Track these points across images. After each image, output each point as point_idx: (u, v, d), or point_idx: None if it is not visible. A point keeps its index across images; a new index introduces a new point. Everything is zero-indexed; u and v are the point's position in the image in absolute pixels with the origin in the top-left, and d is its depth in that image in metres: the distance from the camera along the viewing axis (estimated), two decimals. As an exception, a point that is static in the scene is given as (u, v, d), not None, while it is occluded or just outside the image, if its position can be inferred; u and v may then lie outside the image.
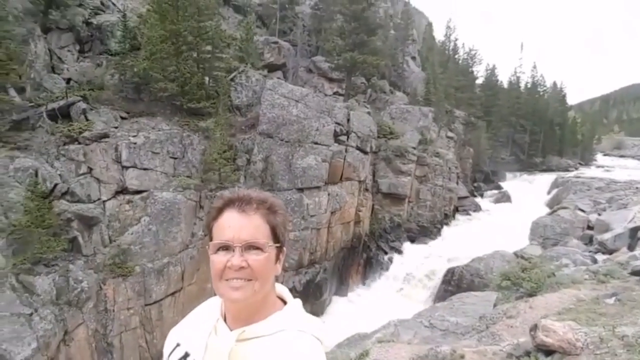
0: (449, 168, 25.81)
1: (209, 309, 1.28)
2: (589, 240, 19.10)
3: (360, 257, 19.89)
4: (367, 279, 19.80)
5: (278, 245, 1.21)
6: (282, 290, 1.30)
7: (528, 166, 49.53)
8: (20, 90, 13.98)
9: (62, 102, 14.26)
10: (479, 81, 51.14)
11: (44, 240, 11.36)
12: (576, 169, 51.73)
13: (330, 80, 26.95)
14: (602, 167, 54.18)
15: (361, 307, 17.25)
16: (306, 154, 17.07)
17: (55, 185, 12.45)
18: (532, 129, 51.88)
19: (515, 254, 17.78)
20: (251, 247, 1.14)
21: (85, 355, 11.83)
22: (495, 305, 10.27)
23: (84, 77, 16.01)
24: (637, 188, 29.91)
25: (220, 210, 1.20)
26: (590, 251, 16.48)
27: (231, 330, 1.19)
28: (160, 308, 13.28)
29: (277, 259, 1.22)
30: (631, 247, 14.12)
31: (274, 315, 1.19)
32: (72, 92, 14.90)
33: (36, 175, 12.09)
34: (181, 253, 13.98)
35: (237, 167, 16.46)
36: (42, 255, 11.25)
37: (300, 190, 16.80)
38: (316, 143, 17.45)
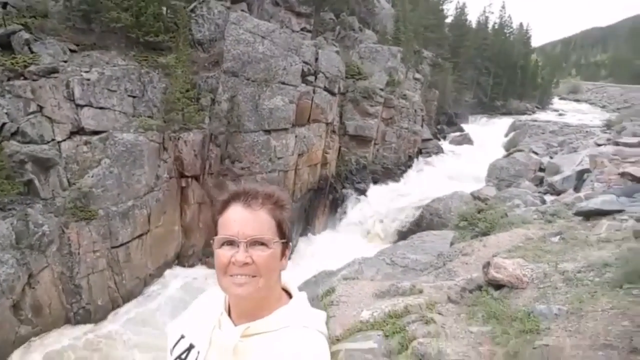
0: (415, 110, 26.06)
1: (213, 301, 1.27)
2: (540, 182, 20.35)
3: (327, 199, 20.36)
4: (333, 220, 20.47)
5: (284, 240, 1.19)
6: (288, 282, 1.29)
7: (490, 109, 50.78)
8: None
9: (1, 31, 12.84)
10: (449, 20, 50.32)
11: (-4, 183, 10.77)
12: (533, 112, 53.61)
13: (298, 14, 25.59)
14: (557, 111, 56.37)
15: (327, 247, 17.99)
16: (273, 95, 16.60)
17: (3, 124, 11.58)
18: (496, 71, 52.50)
19: (473, 194, 18.78)
20: (256, 242, 1.12)
21: (53, 296, 11.85)
22: (452, 244, 11.01)
23: (22, 1, 14.31)
24: (587, 132, 31.61)
25: (225, 204, 1.17)
26: (540, 192, 17.62)
27: (235, 325, 1.18)
28: (128, 250, 13.28)
29: (283, 254, 1.21)
30: (577, 189, 15.20)
31: (278, 310, 1.19)
32: (11, 19, 13.38)
33: (-21, 113, 11.16)
34: (146, 196, 13.75)
35: (201, 107, 15.84)
36: (-4, 199, 10.73)
37: (267, 132, 16.55)
38: (283, 83, 16.94)
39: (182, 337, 1.26)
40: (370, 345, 6.11)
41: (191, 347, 1.22)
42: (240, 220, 1.13)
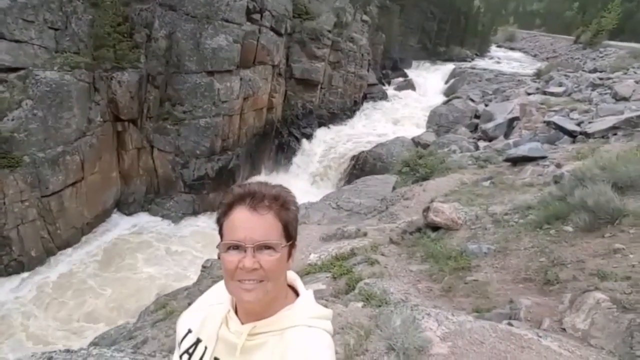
0: (362, 55, 25.81)
1: (220, 297, 1.27)
2: (475, 128, 21.55)
3: (273, 144, 20.19)
4: (279, 165, 20.49)
5: (290, 242, 1.16)
6: (295, 280, 1.28)
7: (433, 55, 51.45)
8: None
9: None
10: (397, -41, 48.72)
11: None
12: (472, 59, 55.21)
13: (240, -58, 23.41)
14: (494, 58, 58.48)
15: (274, 192, 18.11)
16: (216, 33, 15.53)
17: None
18: (441, 17, 52.69)
19: (414, 140, 19.56)
20: (263, 247, 1.10)
21: (-20, 249, 11.06)
22: (394, 188, 11.56)
23: None
24: (519, 81, 33.30)
25: (230, 207, 1.13)
26: (474, 138, 18.73)
27: (242, 323, 1.19)
28: (61, 199, 12.48)
29: (289, 255, 1.18)
30: (507, 136, 16.36)
31: (284, 310, 1.19)
32: None
33: None
34: (78, 141, 12.75)
35: (135, 44, 14.50)
36: None
37: (211, 73, 15.66)
38: (227, 21, 15.83)
39: (190, 331, 1.27)
40: (319, 286, 6.46)
41: (198, 341, 1.23)
42: (247, 224, 1.10)
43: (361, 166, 19.07)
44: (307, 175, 19.74)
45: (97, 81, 13.28)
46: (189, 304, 1.38)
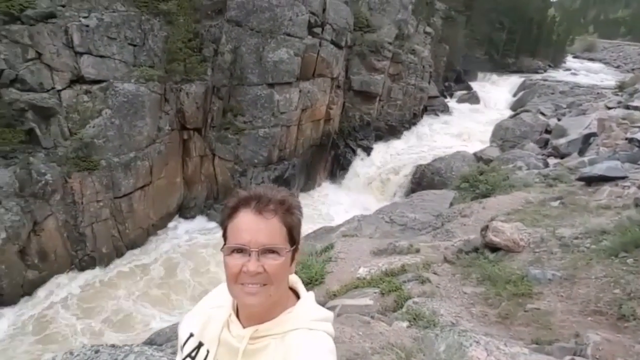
0: (423, 66, 25.30)
1: (221, 300, 1.27)
2: (545, 144, 20.12)
3: (329, 155, 20.30)
4: (334, 176, 20.53)
5: (294, 247, 1.16)
6: (296, 282, 1.27)
7: (500, 66, 49.14)
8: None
9: (-8, -30, 12.23)
10: (464, -31, 47.49)
11: (-3, 131, 10.73)
12: (545, 71, 51.95)
13: (305, -41, 24.16)
14: (570, 70, 54.63)
15: (328, 203, 18.19)
16: (278, 47, 16.05)
17: (2, 71, 11.33)
18: (510, 27, 50.30)
19: (476, 155, 18.67)
20: (268, 251, 1.10)
21: (58, 243, 12.17)
22: (451, 205, 11.06)
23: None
24: (598, 94, 30.75)
25: (235, 210, 1.13)
26: (543, 155, 17.49)
27: (243, 326, 1.18)
28: (131, 201, 13.46)
29: (292, 260, 1.18)
30: (581, 153, 15.05)
31: (285, 313, 1.19)
32: (3, -43, 12.70)
33: (-24, 58, 10.89)
34: (148, 148, 13.72)
35: (203, 58, 15.40)
36: (-2, 147, 10.74)
37: (271, 85, 16.18)
38: (289, 35, 16.32)
39: (192, 335, 1.27)
40: (366, 302, 6.28)
41: (200, 345, 1.23)
42: (252, 228, 1.10)
43: (418, 180, 18.54)
44: (362, 187, 19.55)
45: (167, 92, 14.26)
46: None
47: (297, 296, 1.27)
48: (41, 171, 11.51)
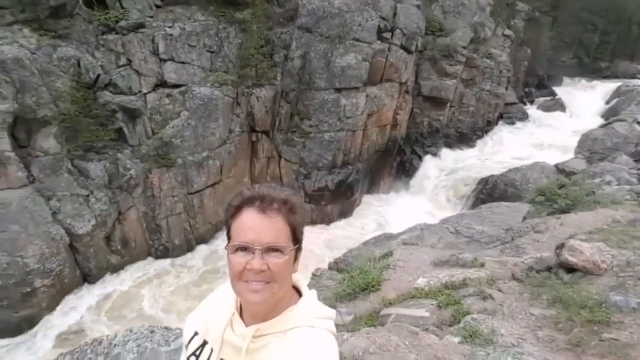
0: (500, 71, 23.88)
1: (224, 299, 1.30)
2: (640, 158, 17.96)
3: (394, 161, 19.93)
4: (399, 182, 20.09)
5: (297, 245, 1.19)
6: (298, 280, 1.29)
7: (591, 71, 44.76)
8: (53, -27, 13.51)
9: (95, -13, 13.79)
10: (552, -33, 44.10)
11: (92, 129, 12.04)
12: (645, 76, 46.42)
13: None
14: (678, 75, 48.22)
15: (390, 210, 17.84)
16: (346, 52, 16.14)
17: (98, 76, 12.70)
18: (604, 28, 45.66)
19: (557, 166, 17.17)
20: (271, 249, 1.12)
21: (138, 233, 13.32)
22: (524, 218, 10.30)
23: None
24: None
25: (239, 209, 1.16)
26: (638, 169, 15.61)
27: (246, 325, 1.21)
28: (202, 197, 14.32)
29: (295, 258, 1.20)
30: (687, 169, 13.19)
31: (287, 311, 1.20)
32: (105, -25, 14.26)
33: (79, 65, 12.31)
34: (219, 148, 14.52)
35: (274, 63, 15.97)
36: (92, 144, 12.05)
37: (338, 90, 16.30)
38: (357, 40, 16.34)
39: (196, 333, 1.30)
40: (422, 313, 6.04)
41: (204, 344, 1.27)
42: (257, 227, 1.12)
43: (489, 191, 17.48)
44: (427, 195, 18.89)
45: (239, 96, 14.99)
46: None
47: (300, 295, 1.28)
48: (127, 166, 12.68)
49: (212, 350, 1.24)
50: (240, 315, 1.24)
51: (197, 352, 1.27)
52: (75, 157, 11.95)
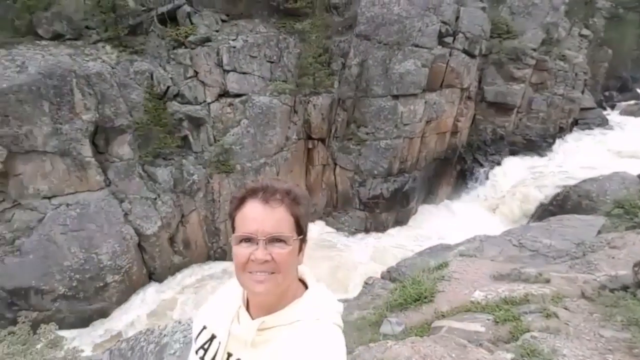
0: (576, 74, 22.10)
1: (232, 293, 1.31)
2: None
3: (454, 169, 19.15)
4: (459, 192, 19.24)
5: (301, 237, 1.18)
6: (305, 273, 1.28)
7: (685, 72, 40.00)
8: (134, -5, 14.86)
9: (169, 6, 14.89)
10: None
11: (161, 137, 12.97)
12: None
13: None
14: None
15: (448, 219, 17.11)
16: (405, 58, 15.90)
17: (168, 87, 13.68)
18: None
19: (641, 177, 15.45)
20: (275, 240, 1.12)
21: (199, 235, 14.02)
22: (599, 233, 9.37)
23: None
24: None
25: (242, 200, 1.17)
26: None
27: (253, 318, 1.21)
28: (259, 202, 14.75)
29: (300, 249, 1.20)
30: None
31: (292, 304, 1.20)
32: (178, -6, 15.41)
33: (152, 78, 13.36)
34: (276, 155, 14.91)
35: (331, 71, 16.16)
36: (160, 150, 12.96)
37: (396, 97, 16.06)
38: (417, 46, 16.02)
39: (205, 327, 1.33)
40: (477, 327, 5.72)
41: (213, 337, 1.29)
42: (259, 217, 1.13)
43: (560, 203, 16.15)
44: (489, 206, 17.87)
45: (296, 104, 15.33)
46: (346, 315, 1.43)
47: (307, 287, 1.27)
48: (190, 172, 13.46)
49: (219, 344, 1.25)
50: (247, 309, 1.25)
51: (206, 346, 1.29)
52: (146, 163, 12.92)
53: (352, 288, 12.21)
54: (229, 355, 1.22)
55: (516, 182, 18.58)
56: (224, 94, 14.57)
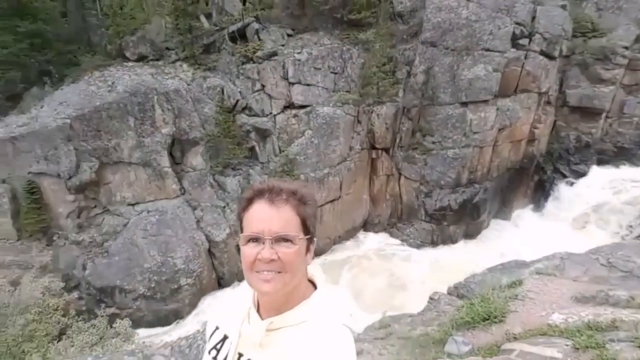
0: (679, 72, 19.52)
1: (244, 295, 1.34)
2: None
3: (531, 180, 17.73)
4: (536, 205, 17.74)
5: (308, 236, 1.19)
6: (314, 274, 1.29)
7: None
8: (208, 16, 15.99)
9: (239, 24, 15.80)
10: None
11: (230, 148, 13.67)
12: None
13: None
14: None
15: (524, 234, 15.81)
16: (474, 63, 15.17)
17: (237, 101, 14.42)
18: None
19: None
20: (282, 239, 1.13)
21: (265, 243, 14.43)
22: None
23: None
24: None
25: (249, 201, 1.19)
26: None
27: (262, 319, 1.23)
28: (321, 212, 14.86)
29: (307, 250, 1.21)
30: None
31: (301, 304, 1.21)
32: (247, 13, 16.28)
33: (222, 92, 14.19)
34: (340, 165, 14.96)
35: (396, 80, 15.93)
36: (229, 161, 13.66)
37: (464, 104, 15.35)
38: (487, 50, 15.23)
39: (217, 328, 1.36)
40: (554, 354, 5.20)
41: (225, 338, 1.32)
42: (266, 217, 1.14)
43: (661, 218, 14.24)
44: (572, 220, 16.21)
45: (360, 114, 15.31)
46: (409, 330, 1.45)
47: (316, 288, 1.27)
48: (257, 181, 13.99)
49: (231, 344, 1.28)
50: (258, 310, 1.27)
51: (218, 346, 1.32)
52: (216, 173, 13.68)
53: (416, 302, 11.74)
54: (240, 355, 1.24)
55: (605, 195, 16.71)
56: (289, 105, 15.00)
